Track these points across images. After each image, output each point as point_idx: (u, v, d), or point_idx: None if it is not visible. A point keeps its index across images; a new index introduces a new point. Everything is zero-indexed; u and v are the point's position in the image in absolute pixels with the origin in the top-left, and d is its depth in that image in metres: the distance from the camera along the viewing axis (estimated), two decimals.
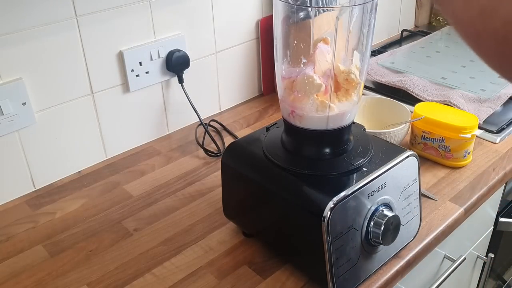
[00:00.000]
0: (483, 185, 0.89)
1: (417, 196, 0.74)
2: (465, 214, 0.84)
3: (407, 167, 0.71)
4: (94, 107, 0.96)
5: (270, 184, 0.70)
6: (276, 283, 0.71)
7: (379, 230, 0.65)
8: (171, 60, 1.02)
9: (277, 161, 0.70)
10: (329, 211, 0.61)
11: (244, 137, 0.79)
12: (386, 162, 0.68)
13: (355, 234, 0.65)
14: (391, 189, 0.68)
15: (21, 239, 0.82)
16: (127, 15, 0.95)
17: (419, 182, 0.73)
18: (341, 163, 0.68)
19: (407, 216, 0.72)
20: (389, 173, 0.68)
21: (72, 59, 0.90)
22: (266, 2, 1.18)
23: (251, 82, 1.23)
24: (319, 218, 0.61)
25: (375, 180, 0.66)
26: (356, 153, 0.70)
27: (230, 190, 0.78)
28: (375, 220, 0.66)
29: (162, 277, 0.73)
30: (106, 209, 0.88)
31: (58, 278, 0.74)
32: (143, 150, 1.05)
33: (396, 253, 0.73)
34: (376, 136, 0.78)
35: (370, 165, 0.68)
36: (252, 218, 0.77)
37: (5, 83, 0.83)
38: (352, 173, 0.67)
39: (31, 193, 0.92)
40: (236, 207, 0.79)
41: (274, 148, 0.72)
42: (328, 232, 0.61)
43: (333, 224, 0.61)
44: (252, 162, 0.73)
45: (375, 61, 1.32)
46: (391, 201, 0.68)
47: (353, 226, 0.64)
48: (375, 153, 0.70)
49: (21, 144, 0.88)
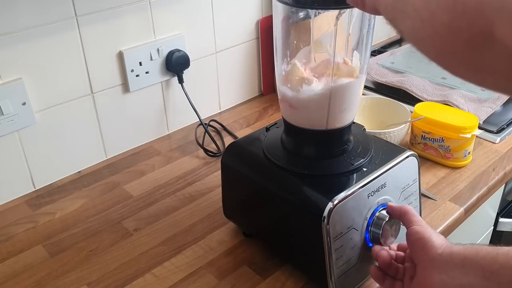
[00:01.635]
0: (483, 185, 0.89)
1: (417, 196, 0.74)
2: (465, 214, 0.84)
3: (407, 167, 0.71)
4: (94, 107, 0.96)
5: (269, 184, 0.70)
6: (276, 283, 0.71)
7: (379, 230, 0.65)
8: (171, 60, 1.02)
9: (277, 161, 0.70)
10: (328, 211, 0.61)
11: (244, 137, 0.79)
12: (386, 162, 0.68)
13: (355, 234, 0.65)
14: (391, 189, 0.68)
15: (21, 239, 0.82)
16: (127, 15, 0.94)
17: (419, 182, 0.73)
18: (341, 163, 0.68)
19: None
20: (389, 173, 0.67)
21: (72, 59, 0.90)
22: (266, 2, 1.18)
23: (251, 82, 1.23)
24: (319, 219, 0.61)
25: (375, 180, 0.66)
26: (356, 153, 0.70)
27: (230, 190, 0.78)
28: (375, 220, 0.66)
29: (162, 277, 0.73)
30: (106, 209, 0.88)
31: (58, 278, 0.74)
32: (143, 150, 1.05)
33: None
34: (376, 136, 0.78)
35: (370, 165, 0.68)
36: (252, 218, 0.77)
37: (5, 83, 0.83)
38: (352, 173, 0.67)
39: (31, 193, 0.92)
40: (236, 207, 0.79)
41: (274, 148, 0.72)
42: (328, 233, 0.61)
43: (333, 224, 0.61)
44: (252, 162, 0.73)
45: (375, 61, 1.32)
46: (391, 201, 0.68)
47: (353, 226, 0.64)
48: (375, 153, 0.70)
49: (21, 144, 0.88)
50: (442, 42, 0.37)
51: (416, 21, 0.38)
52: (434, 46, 0.38)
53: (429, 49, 0.39)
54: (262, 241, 0.78)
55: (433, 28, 0.37)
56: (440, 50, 0.38)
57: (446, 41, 0.36)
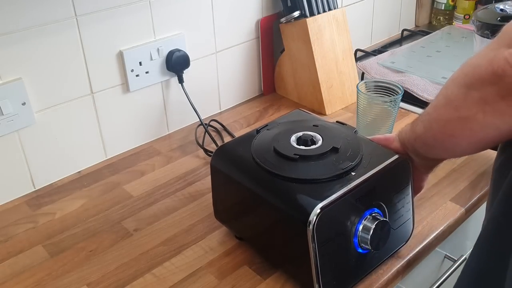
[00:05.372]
0: (484, 185, 0.89)
1: (409, 200, 0.72)
2: (466, 214, 0.84)
3: (398, 171, 0.69)
4: (94, 107, 0.96)
5: (257, 188, 0.68)
6: (276, 284, 0.71)
7: (368, 235, 0.63)
8: (171, 60, 1.02)
9: (264, 165, 0.68)
10: (315, 216, 0.59)
11: (233, 139, 0.78)
12: (376, 166, 0.67)
13: (343, 239, 0.63)
14: (381, 194, 0.67)
15: (21, 239, 0.82)
16: (127, 15, 0.94)
17: (411, 187, 0.72)
18: (329, 167, 0.66)
19: (398, 221, 0.71)
20: (378, 177, 0.66)
21: (72, 59, 0.90)
22: (266, 2, 1.18)
23: (251, 82, 1.23)
24: (305, 224, 0.59)
25: (364, 185, 0.64)
26: (345, 156, 0.68)
27: (219, 193, 0.77)
28: (364, 225, 0.64)
29: (162, 277, 0.73)
30: (106, 209, 0.87)
31: (58, 279, 0.74)
32: (143, 150, 1.05)
33: (387, 258, 0.72)
34: (369, 139, 0.75)
35: (359, 169, 0.66)
36: (241, 222, 0.76)
37: (5, 83, 0.83)
38: (340, 177, 0.65)
39: (31, 193, 0.92)
40: (226, 210, 0.78)
41: (262, 151, 0.71)
42: (314, 238, 0.60)
43: (320, 229, 0.60)
44: (240, 166, 0.72)
45: (375, 61, 1.31)
46: (381, 206, 0.67)
47: (341, 231, 0.63)
48: (365, 157, 0.68)
49: (21, 144, 0.88)
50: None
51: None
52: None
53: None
54: (252, 245, 0.77)
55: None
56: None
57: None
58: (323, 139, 0.71)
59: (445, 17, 1.62)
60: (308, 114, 0.83)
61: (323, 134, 0.72)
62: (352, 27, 1.27)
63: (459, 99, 0.53)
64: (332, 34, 1.14)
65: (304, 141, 0.71)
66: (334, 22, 1.14)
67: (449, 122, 0.55)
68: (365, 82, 0.99)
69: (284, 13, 1.15)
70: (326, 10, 1.14)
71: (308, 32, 1.09)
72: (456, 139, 0.56)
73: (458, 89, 0.53)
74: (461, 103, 0.53)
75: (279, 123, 0.78)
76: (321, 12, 1.13)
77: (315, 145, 0.71)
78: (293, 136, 0.72)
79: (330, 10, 1.15)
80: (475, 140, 0.54)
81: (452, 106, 0.54)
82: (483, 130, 0.52)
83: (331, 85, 1.14)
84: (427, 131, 0.61)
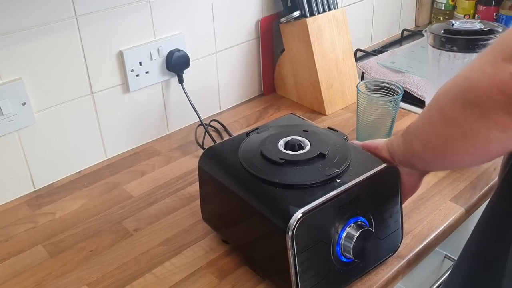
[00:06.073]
0: (484, 185, 0.89)
1: (397, 210, 0.70)
2: (465, 214, 0.84)
3: (385, 180, 0.68)
4: (94, 107, 0.96)
5: (240, 191, 0.67)
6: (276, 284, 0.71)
7: (350, 244, 0.62)
8: (171, 60, 1.02)
9: (250, 168, 0.67)
10: (295, 221, 0.58)
11: (222, 141, 0.77)
12: (362, 174, 0.65)
13: (324, 247, 0.62)
14: (366, 202, 0.65)
15: (21, 239, 0.82)
16: (127, 15, 0.94)
17: (399, 196, 0.70)
18: (314, 173, 0.65)
19: (385, 231, 0.69)
20: (364, 186, 0.64)
21: (72, 59, 0.90)
22: (266, 2, 1.18)
23: (251, 82, 1.23)
24: (284, 230, 0.58)
25: (348, 192, 0.63)
26: (332, 163, 0.67)
27: (205, 195, 0.77)
28: (347, 233, 0.63)
29: (162, 277, 0.73)
30: (106, 209, 0.87)
31: (58, 278, 0.74)
32: (143, 150, 1.05)
33: (372, 268, 0.71)
34: (359, 146, 0.74)
35: (345, 176, 0.65)
36: (226, 225, 0.75)
37: (5, 83, 0.83)
38: (325, 184, 0.63)
39: (31, 193, 0.92)
40: (211, 212, 0.77)
41: (249, 155, 0.70)
42: (293, 244, 0.59)
43: (299, 236, 0.59)
44: (226, 168, 0.71)
45: (375, 61, 1.31)
46: (366, 215, 0.65)
47: (322, 239, 0.61)
48: (353, 164, 0.67)
49: (21, 144, 0.88)
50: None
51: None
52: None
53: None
54: (234, 248, 0.76)
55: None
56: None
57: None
58: (311, 144, 0.70)
59: (445, 17, 1.62)
60: (300, 119, 0.82)
61: (311, 140, 0.71)
62: (352, 27, 1.27)
63: (458, 116, 0.50)
64: (332, 34, 1.14)
65: (291, 146, 0.70)
66: (334, 22, 1.15)
67: (451, 139, 0.53)
68: (365, 82, 0.99)
69: (284, 13, 1.15)
70: (326, 10, 1.14)
71: (308, 32, 1.09)
72: (459, 156, 0.54)
73: (456, 105, 0.51)
74: (461, 120, 0.50)
75: (270, 127, 0.78)
76: (321, 12, 1.13)
77: (302, 150, 0.70)
78: (281, 140, 0.72)
79: (330, 10, 1.15)
80: (479, 155, 0.52)
81: (452, 124, 0.52)
82: (486, 145, 0.50)
83: (331, 85, 1.14)
84: (426, 149, 0.58)
